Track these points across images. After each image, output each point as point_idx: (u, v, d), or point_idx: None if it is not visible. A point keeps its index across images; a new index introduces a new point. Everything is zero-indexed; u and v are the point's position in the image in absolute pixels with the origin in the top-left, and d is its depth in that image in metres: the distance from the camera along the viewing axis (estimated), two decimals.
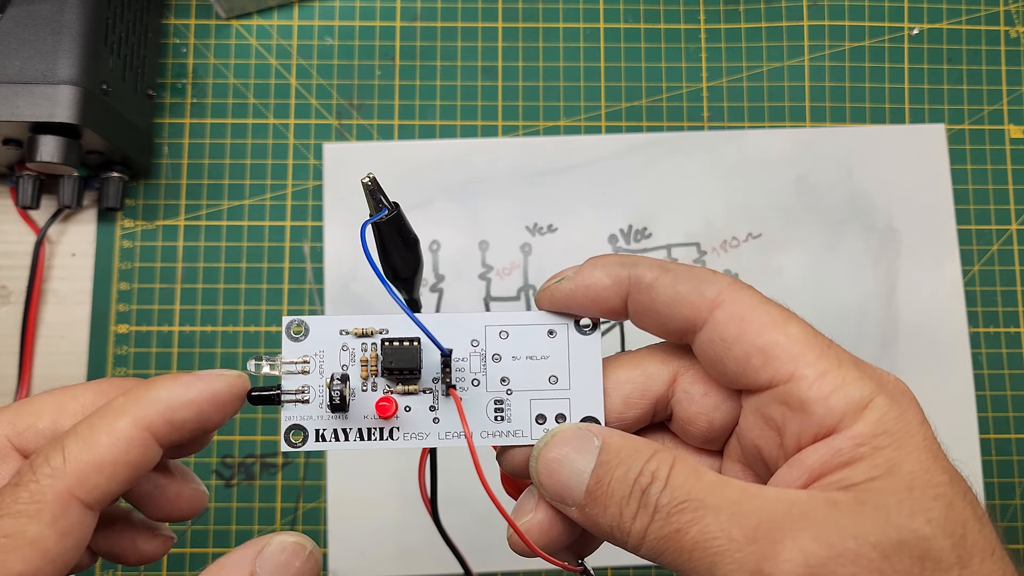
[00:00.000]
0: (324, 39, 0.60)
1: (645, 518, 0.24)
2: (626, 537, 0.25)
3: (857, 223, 0.58)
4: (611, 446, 0.26)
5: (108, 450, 0.24)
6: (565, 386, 0.28)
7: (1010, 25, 0.61)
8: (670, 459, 0.25)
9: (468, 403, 0.28)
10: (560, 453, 0.26)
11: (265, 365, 0.28)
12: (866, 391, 0.24)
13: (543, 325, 0.28)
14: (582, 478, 0.26)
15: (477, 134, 0.59)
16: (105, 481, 0.24)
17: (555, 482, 0.26)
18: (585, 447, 0.26)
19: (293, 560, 0.26)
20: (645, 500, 0.24)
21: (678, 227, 0.58)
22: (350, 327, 0.28)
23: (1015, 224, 0.59)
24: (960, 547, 0.22)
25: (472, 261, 0.57)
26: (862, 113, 0.60)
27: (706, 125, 0.60)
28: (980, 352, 0.57)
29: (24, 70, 0.49)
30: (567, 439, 0.26)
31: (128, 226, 0.57)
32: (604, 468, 0.25)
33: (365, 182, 0.28)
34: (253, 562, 0.25)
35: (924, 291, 0.57)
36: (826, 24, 0.61)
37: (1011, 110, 0.60)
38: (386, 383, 0.28)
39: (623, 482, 0.25)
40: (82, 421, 0.25)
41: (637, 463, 0.25)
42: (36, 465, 0.24)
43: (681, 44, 0.61)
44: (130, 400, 0.25)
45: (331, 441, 0.28)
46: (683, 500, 0.24)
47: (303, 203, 0.58)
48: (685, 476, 0.24)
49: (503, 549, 0.30)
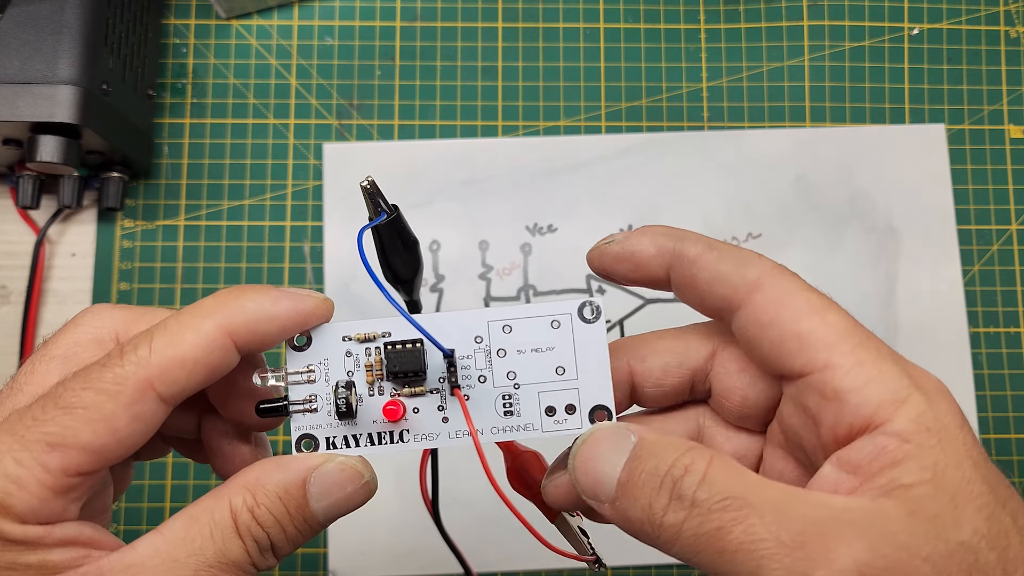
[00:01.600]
0: (324, 39, 0.60)
1: (680, 512, 0.23)
2: (658, 531, 0.24)
3: (857, 223, 0.58)
4: (646, 441, 0.25)
5: (191, 349, 0.25)
6: (573, 376, 0.28)
7: (1010, 25, 0.61)
8: (707, 455, 0.24)
9: (476, 400, 0.28)
10: (596, 450, 0.26)
11: (271, 377, 0.28)
12: (903, 385, 0.24)
13: (546, 317, 0.28)
14: (615, 471, 0.25)
15: (477, 134, 0.59)
16: (184, 377, 0.25)
17: (589, 478, 0.26)
18: (620, 444, 0.26)
19: (347, 483, 0.27)
20: (678, 492, 0.23)
21: (678, 227, 0.58)
22: (352, 333, 0.28)
23: (1015, 224, 0.59)
24: (1004, 559, 0.22)
25: (472, 261, 0.57)
26: (862, 113, 0.60)
27: (706, 125, 0.60)
28: (980, 352, 0.57)
29: (24, 70, 0.49)
30: (604, 436, 0.26)
31: (128, 226, 0.57)
32: (636, 462, 0.25)
33: (364, 185, 0.28)
34: (310, 472, 0.26)
35: (924, 291, 0.57)
36: (826, 24, 0.61)
37: (1011, 110, 0.60)
38: (392, 386, 0.28)
39: (654, 474, 0.24)
40: (172, 316, 0.26)
41: (670, 456, 0.24)
42: (125, 351, 0.25)
43: (681, 44, 0.61)
44: (219, 303, 0.26)
45: (342, 448, 0.28)
46: (724, 497, 0.23)
47: (303, 203, 0.58)
48: (726, 472, 0.24)
49: (503, 549, 0.30)
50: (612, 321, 0.56)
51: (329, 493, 0.27)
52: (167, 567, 0.25)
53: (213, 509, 0.26)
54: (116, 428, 0.24)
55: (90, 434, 0.24)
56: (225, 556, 0.25)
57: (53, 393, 0.25)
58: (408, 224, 0.30)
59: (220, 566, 0.25)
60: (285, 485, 0.26)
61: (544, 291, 0.57)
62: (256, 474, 0.26)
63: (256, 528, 0.26)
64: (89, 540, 0.25)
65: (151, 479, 0.55)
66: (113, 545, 0.25)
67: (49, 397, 0.25)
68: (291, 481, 0.26)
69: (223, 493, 0.26)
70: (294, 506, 0.26)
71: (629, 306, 0.57)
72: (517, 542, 0.28)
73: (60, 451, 0.24)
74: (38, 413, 0.24)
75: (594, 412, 0.28)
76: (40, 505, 0.24)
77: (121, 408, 0.24)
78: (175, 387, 0.25)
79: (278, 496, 0.26)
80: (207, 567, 0.25)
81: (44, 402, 0.25)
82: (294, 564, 0.54)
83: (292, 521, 0.26)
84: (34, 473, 0.24)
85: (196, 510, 0.26)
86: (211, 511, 0.26)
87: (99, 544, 0.25)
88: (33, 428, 0.24)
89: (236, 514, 0.25)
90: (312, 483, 0.26)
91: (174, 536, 0.25)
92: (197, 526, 0.25)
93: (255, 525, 0.26)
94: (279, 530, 0.26)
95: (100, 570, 0.24)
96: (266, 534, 0.26)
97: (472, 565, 0.36)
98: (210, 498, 0.26)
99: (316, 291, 0.28)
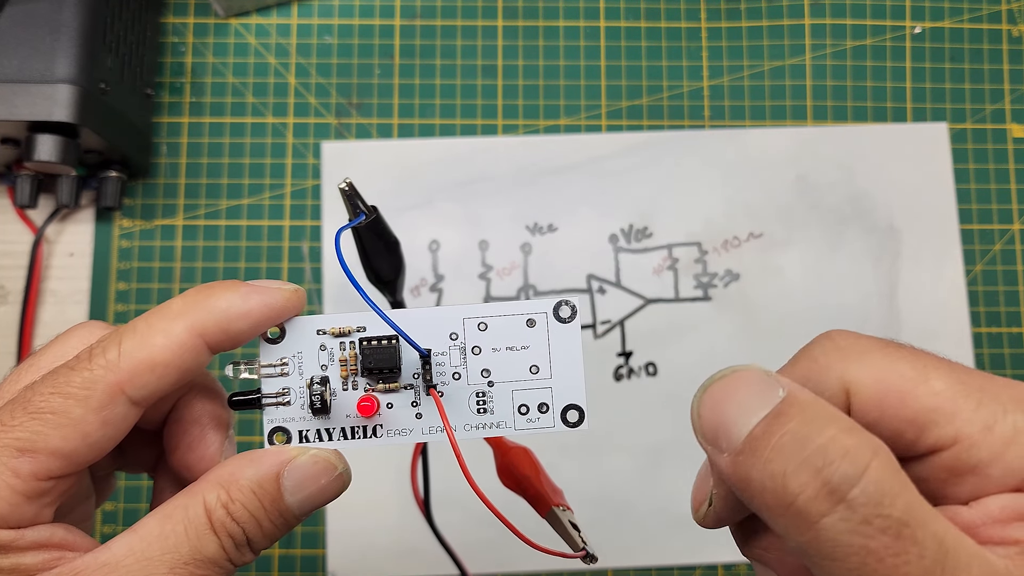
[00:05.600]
0: (323, 38, 0.60)
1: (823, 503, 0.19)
2: (785, 510, 0.20)
3: (859, 222, 0.58)
4: (797, 399, 0.21)
5: (161, 352, 0.25)
6: (547, 375, 0.28)
7: (1012, 24, 0.61)
8: (873, 445, 0.20)
9: (449, 398, 0.28)
10: (734, 391, 0.22)
11: (243, 369, 0.28)
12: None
13: (522, 315, 0.28)
14: (749, 419, 0.21)
15: (477, 133, 0.59)
16: (155, 381, 0.25)
17: (715, 416, 0.22)
18: (766, 394, 0.21)
19: (321, 476, 0.27)
20: (827, 478, 0.19)
21: (679, 227, 0.57)
22: (327, 327, 0.28)
23: (1017, 223, 0.59)
24: None
25: (472, 261, 0.57)
26: (864, 112, 0.60)
27: (707, 124, 0.59)
28: (982, 352, 0.57)
29: (22, 69, 0.49)
30: (748, 379, 0.22)
31: (126, 226, 0.57)
32: (780, 418, 0.21)
33: (342, 187, 0.28)
34: (284, 465, 0.26)
35: (926, 291, 0.57)
36: (828, 22, 0.61)
37: (1014, 109, 0.60)
38: (366, 381, 0.28)
39: (802, 440, 0.20)
40: (141, 318, 0.26)
41: (827, 428, 0.20)
42: (94, 354, 0.25)
43: (682, 43, 0.60)
44: (188, 304, 0.26)
45: (315, 441, 0.28)
46: (886, 513, 0.19)
47: (302, 202, 0.58)
48: (892, 477, 0.20)
49: (503, 550, 0.29)
50: (612, 321, 0.56)
51: (303, 486, 0.26)
52: (141, 566, 0.24)
53: (187, 506, 0.25)
54: (86, 432, 0.24)
55: (59, 439, 0.24)
56: (200, 553, 0.25)
57: (22, 397, 0.25)
58: (388, 225, 0.30)
59: (195, 563, 0.25)
60: (259, 479, 0.26)
61: (544, 291, 0.57)
62: (229, 469, 0.26)
63: (231, 524, 0.25)
64: (62, 542, 0.25)
65: (149, 479, 0.54)
66: (88, 546, 0.25)
67: (18, 402, 0.25)
68: (264, 475, 0.26)
69: (196, 490, 0.26)
70: (269, 500, 0.26)
71: (629, 306, 0.56)
72: (516, 543, 0.28)
73: (29, 456, 0.24)
74: (6, 418, 0.24)
75: (566, 411, 0.28)
76: (10, 510, 0.24)
77: (91, 412, 0.24)
78: (145, 390, 0.25)
79: (252, 491, 0.26)
80: (182, 564, 0.25)
81: (12, 407, 0.25)
82: (293, 565, 0.54)
83: (267, 515, 0.26)
84: (3, 478, 0.24)
85: (170, 508, 0.26)
86: (185, 508, 0.25)
87: (73, 546, 0.25)
88: (2, 434, 0.24)
89: (210, 511, 0.25)
90: (286, 476, 0.26)
91: (148, 534, 0.25)
92: (171, 524, 0.25)
93: (230, 521, 0.25)
94: (254, 525, 0.26)
95: (74, 570, 0.24)
96: (241, 529, 0.26)
97: (472, 566, 0.36)
98: (183, 496, 0.26)
99: (287, 283, 0.27)
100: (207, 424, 0.28)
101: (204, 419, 0.28)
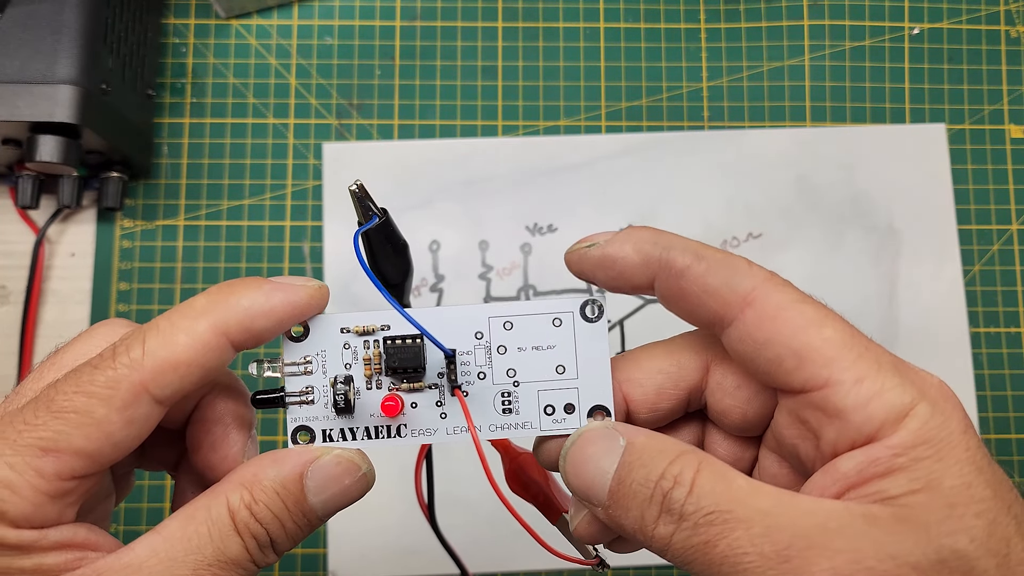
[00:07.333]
0: (324, 39, 0.60)
1: (670, 525, 0.23)
2: (650, 542, 0.24)
3: (857, 223, 0.58)
4: (635, 446, 0.25)
5: (185, 350, 0.25)
6: (573, 375, 0.28)
7: (1010, 25, 0.61)
8: (696, 462, 0.24)
9: (474, 397, 0.28)
10: (586, 452, 0.26)
11: (267, 368, 0.27)
12: (907, 398, 0.23)
13: (548, 314, 0.28)
14: (605, 479, 0.25)
15: (477, 134, 0.59)
16: (178, 380, 0.25)
17: (581, 481, 0.26)
18: (610, 447, 0.25)
19: (344, 476, 0.26)
20: (668, 505, 0.23)
21: (678, 227, 0.57)
22: (351, 325, 0.27)
23: (1016, 224, 0.59)
24: (1004, 566, 0.22)
25: (472, 261, 0.57)
26: (862, 113, 0.60)
27: (706, 125, 0.60)
28: (981, 352, 0.57)
29: (23, 70, 0.49)
30: (593, 438, 0.26)
31: (127, 226, 0.57)
32: (626, 469, 0.25)
33: (352, 189, 0.28)
34: (307, 466, 0.26)
35: (924, 291, 0.57)
36: (826, 23, 0.61)
37: (1012, 110, 0.60)
38: (391, 380, 0.28)
39: (644, 484, 0.24)
40: (163, 316, 0.26)
41: (659, 465, 0.24)
42: (117, 352, 0.25)
43: (681, 44, 0.60)
44: (211, 302, 0.25)
45: (339, 441, 0.27)
46: (711, 511, 0.23)
47: (303, 203, 0.58)
48: (713, 482, 0.23)
49: (504, 550, 0.30)
50: (612, 321, 0.56)
51: (327, 487, 0.26)
52: (164, 567, 0.24)
53: (210, 507, 0.25)
54: (109, 432, 0.24)
55: (82, 439, 0.24)
56: (224, 554, 0.25)
57: (45, 396, 0.24)
58: (398, 228, 0.30)
59: (219, 564, 0.25)
60: (282, 480, 0.26)
61: (544, 291, 0.57)
62: (252, 470, 0.26)
63: (255, 525, 0.25)
64: (85, 542, 0.25)
65: (151, 479, 0.55)
66: (110, 546, 0.25)
67: (41, 400, 0.24)
68: (288, 476, 0.26)
69: (219, 491, 0.26)
70: (292, 501, 0.26)
71: (629, 306, 0.56)
72: (517, 543, 0.28)
73: (53, 456, 0.24)
74: (30, 417, 0.24)
75: (593, 412, 0.28)
76: (34, 510, 0.24)
77: (114, 412, 0.24)
78: (168, 389, 0.25)
79: (275, 491, 0.26)
80: (206, 566, 0.25)
81: (36, 405, 0.24)
82: (294, 565, 0.54)
83: (291, 516, 0.26)
84: (27, 478, 0.23)
85: (192, 509, 0.25)
86: (208, 509, 0.25)
87: (96, 546, 0.25)
88: (25, 433, 0.24)
89: (234, 512, 0.25)
90: (309, 477, 0.26)
91: (171, 536, 0.25)
92: (194, 525, 0.25)
93: (253, 522, 0.25)
94: (278, 526, 0.26)
95: (97, 571, 0.24)
96: (265, 530, 0.26)
97: (472, 566, 0.36)
98: (206, 496, 0.26)
99: (311, 279, 0.27)
100: (230, 423, 0.28)
101: (227, 418, 0.28)
